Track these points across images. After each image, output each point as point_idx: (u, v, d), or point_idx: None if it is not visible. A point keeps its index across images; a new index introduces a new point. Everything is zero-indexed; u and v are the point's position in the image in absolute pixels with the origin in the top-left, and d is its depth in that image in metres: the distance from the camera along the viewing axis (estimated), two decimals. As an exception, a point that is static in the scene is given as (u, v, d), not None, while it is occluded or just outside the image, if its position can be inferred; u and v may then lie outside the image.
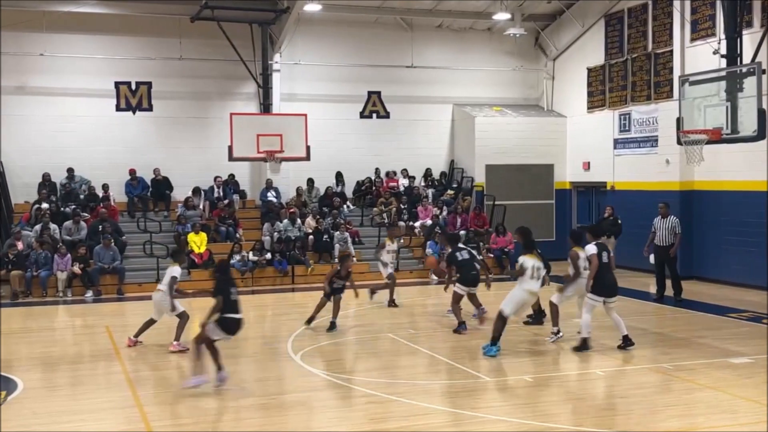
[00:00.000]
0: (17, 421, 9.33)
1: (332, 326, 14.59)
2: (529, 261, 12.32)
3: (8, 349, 14.08)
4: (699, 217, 20.92)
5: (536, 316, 14.66)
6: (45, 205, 21.39)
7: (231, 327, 10.59)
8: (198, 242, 21.34)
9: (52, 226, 20.69)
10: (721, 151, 18.84)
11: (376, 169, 25.69)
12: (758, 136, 16.07)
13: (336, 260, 17.84)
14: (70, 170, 22.87)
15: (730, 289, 18.93)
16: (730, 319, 14.51)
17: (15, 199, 22.37)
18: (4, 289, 19.36)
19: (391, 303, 17.39)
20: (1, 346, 13.25)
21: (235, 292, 10.71)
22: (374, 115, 26.11)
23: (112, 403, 10.21)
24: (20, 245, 19.95)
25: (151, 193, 23.57)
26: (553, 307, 13.22)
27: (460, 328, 14.15)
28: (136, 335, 13.38)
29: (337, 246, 22.14)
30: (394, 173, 25.76)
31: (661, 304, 17.29)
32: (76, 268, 19.69)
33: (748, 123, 16.13)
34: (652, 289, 18.40)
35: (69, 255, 19.81)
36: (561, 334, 13.09)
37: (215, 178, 23.82)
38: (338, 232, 22.45)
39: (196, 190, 23.34)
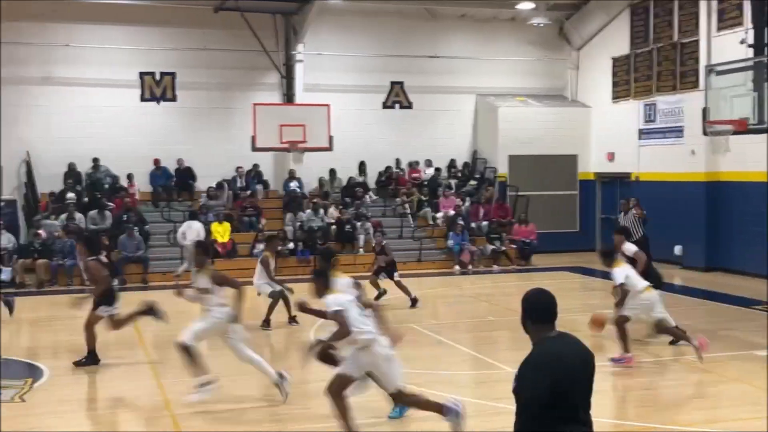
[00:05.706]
0: (45, 408, 9.45)
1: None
2: None
3: (34, 337, 14.32)
4: (725, 207, 20.72)
5: None
6: (70, 195, 21.54)
7: None
8: (221, 232, 21.42)
9: (78, 215, 20.88)
10: (747, 141, 18.65)
11: (397, 159, 25.65)
12: (785, 127, 15.90)
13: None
14: (96, 160, 23.00)
15: (755, 281, 18.73)
16: (754, 311, 14.37)
17: (41, 188, 22.52)
18: (30, 278, 19.57)
19: (291, 320, 14.62)
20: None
21: None
22: (397, 105, 26.06)
23: (137, 390, 10.30)
24: (43, 234, 20.13)
25: (174, 182, 23.70)
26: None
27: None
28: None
29: (362, 237, 22.10)
30: (417, 163, 25.70)
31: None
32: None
33: (774, 113, 15.95)
34: (676, 281, 18.31)
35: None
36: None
37: (237, 169, 23.92)
38: (360, 223, 22.44)
39: (220, 185, 23.36)
